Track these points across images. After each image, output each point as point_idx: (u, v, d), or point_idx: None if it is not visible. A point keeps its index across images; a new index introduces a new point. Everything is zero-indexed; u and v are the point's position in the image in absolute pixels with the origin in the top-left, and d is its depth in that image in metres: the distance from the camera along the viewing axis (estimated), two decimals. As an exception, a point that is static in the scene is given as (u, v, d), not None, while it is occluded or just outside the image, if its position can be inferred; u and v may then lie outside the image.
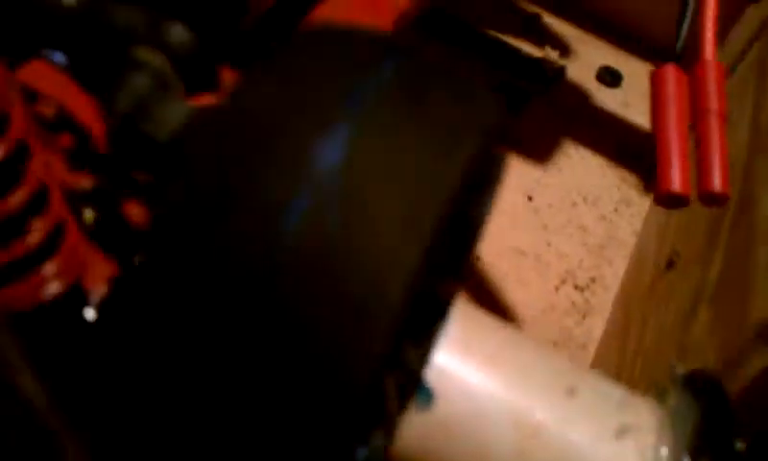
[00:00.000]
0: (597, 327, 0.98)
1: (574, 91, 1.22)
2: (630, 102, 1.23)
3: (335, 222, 0.22)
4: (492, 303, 0.95)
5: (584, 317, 0.99)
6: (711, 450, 0.29)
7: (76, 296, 0.28)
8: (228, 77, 0.34)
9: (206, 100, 0.33)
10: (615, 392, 0.31)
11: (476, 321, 0.32)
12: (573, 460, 0.29)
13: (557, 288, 1.00)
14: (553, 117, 1.20)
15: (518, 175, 1.13)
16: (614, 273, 1.05)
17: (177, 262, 0.23)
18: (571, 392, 0.30)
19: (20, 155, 0.25)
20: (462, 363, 0.31)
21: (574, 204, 1.13)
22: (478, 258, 1.00)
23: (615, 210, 1.14)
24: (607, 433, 0.30)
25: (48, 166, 0.27)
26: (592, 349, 0.95)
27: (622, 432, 0.30)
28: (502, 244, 1.04)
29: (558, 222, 1.08)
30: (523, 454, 0.29)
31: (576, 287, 1.02)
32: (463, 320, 0.32)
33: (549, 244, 1.06)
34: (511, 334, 0.32)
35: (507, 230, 1.06)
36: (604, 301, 1.01)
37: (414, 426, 0.30)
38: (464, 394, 0.30)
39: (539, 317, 0.97)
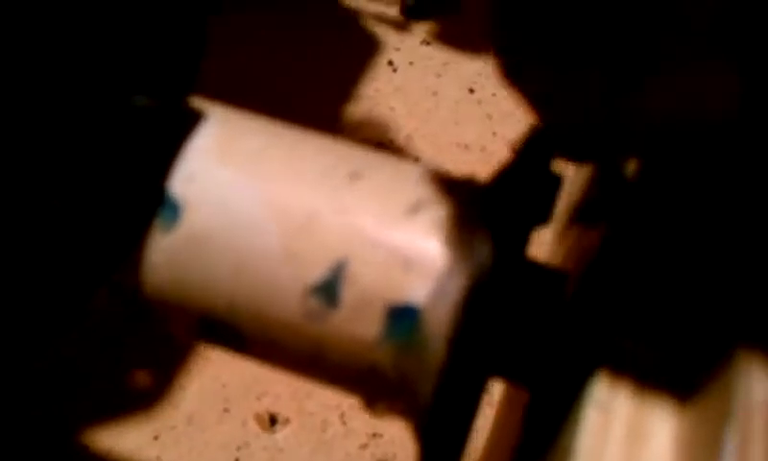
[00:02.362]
0: (556, 210, 0.93)
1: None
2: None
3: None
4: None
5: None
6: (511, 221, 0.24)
7: None
8: None
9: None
10: (415, 171, 0.26)
11: (237, 121, 0.27)
12: (352, 248, 0.24)
13: (507, 177, 0.94)
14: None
15: (457, 69, 1.07)
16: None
17: None
18: (354, 176, 0.25)
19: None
20: (216, 167, 0.25)
21: (521, 89, 1.06)
22: (417, 159, 0.95)
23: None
24: (395, 212, 0.24)
25: None
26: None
27: (414, 209, 0.24)
28: (444, 141, 0.98)
29: (503, 109, 1.02)
30: (292, 252, 0.24)
31: (529, 173, 0.96)
32: (219, 122, 0.27)
33: (495, 134, 1.00)
34: (282, 130, 0.27)
35: (449, 125, 1.01)
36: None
37: (160, 249, 0.25)
38: (217, 200, 0.25)
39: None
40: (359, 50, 1.09)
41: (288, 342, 0.26)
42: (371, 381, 0.25)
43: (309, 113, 0.98)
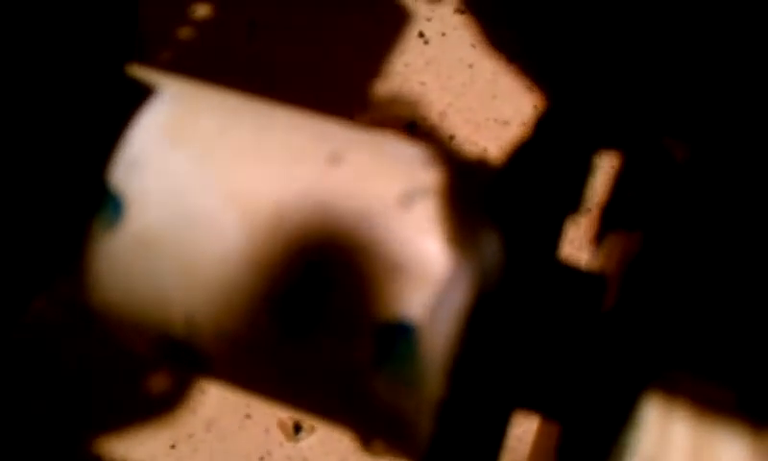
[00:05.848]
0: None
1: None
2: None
3: None
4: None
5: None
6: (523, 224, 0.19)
7: None
8: None
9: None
10: (408, 151, 0.22)
11: (193, 96, 0.23)
12: (332, 251, 0.20)
13: (551, 154, 0.89)
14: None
15: (494, 38, 1.02)
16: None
17: None
18: (333, 159, 0.21)
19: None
20: (166, 151, 0.22)
21: (565, 58, 1.01)
22: (452, 137, 0.90)
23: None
24: (384, 205, 0.20)
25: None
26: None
27: (407, 200, 0.20)
28: (481, 117, 0.93)
29: (546, 81, 0.97)
30: (257, 256, 0.20)
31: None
32: (172, 98, 0.23)
33: (536, 107, 0.94)
34: (246, 105, 0.23)
35: (486, 100, 0.95)
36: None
37: (102, 254, 0.21)
38: (167, 192, 0.21)
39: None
40: (386, 22, 1.04)
41: (258, 367, 0.21)
42: (360, 415, 0.21)
43: (333, 92, 0.94)
